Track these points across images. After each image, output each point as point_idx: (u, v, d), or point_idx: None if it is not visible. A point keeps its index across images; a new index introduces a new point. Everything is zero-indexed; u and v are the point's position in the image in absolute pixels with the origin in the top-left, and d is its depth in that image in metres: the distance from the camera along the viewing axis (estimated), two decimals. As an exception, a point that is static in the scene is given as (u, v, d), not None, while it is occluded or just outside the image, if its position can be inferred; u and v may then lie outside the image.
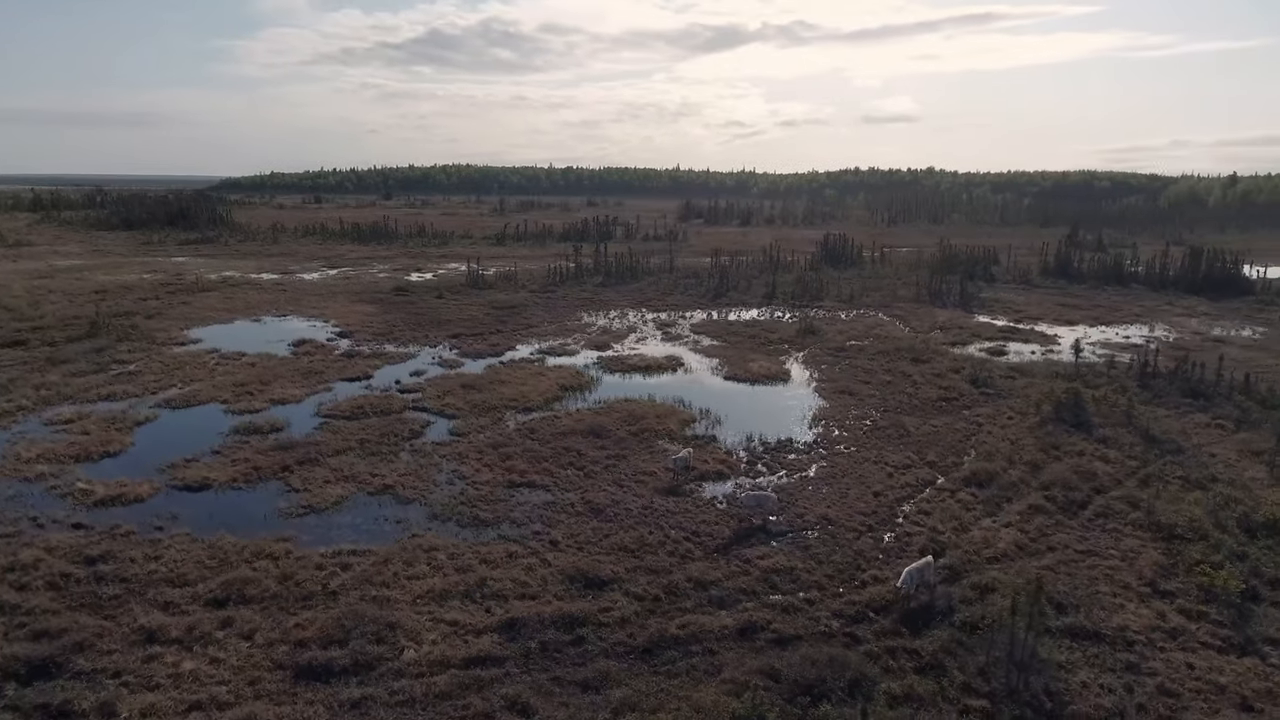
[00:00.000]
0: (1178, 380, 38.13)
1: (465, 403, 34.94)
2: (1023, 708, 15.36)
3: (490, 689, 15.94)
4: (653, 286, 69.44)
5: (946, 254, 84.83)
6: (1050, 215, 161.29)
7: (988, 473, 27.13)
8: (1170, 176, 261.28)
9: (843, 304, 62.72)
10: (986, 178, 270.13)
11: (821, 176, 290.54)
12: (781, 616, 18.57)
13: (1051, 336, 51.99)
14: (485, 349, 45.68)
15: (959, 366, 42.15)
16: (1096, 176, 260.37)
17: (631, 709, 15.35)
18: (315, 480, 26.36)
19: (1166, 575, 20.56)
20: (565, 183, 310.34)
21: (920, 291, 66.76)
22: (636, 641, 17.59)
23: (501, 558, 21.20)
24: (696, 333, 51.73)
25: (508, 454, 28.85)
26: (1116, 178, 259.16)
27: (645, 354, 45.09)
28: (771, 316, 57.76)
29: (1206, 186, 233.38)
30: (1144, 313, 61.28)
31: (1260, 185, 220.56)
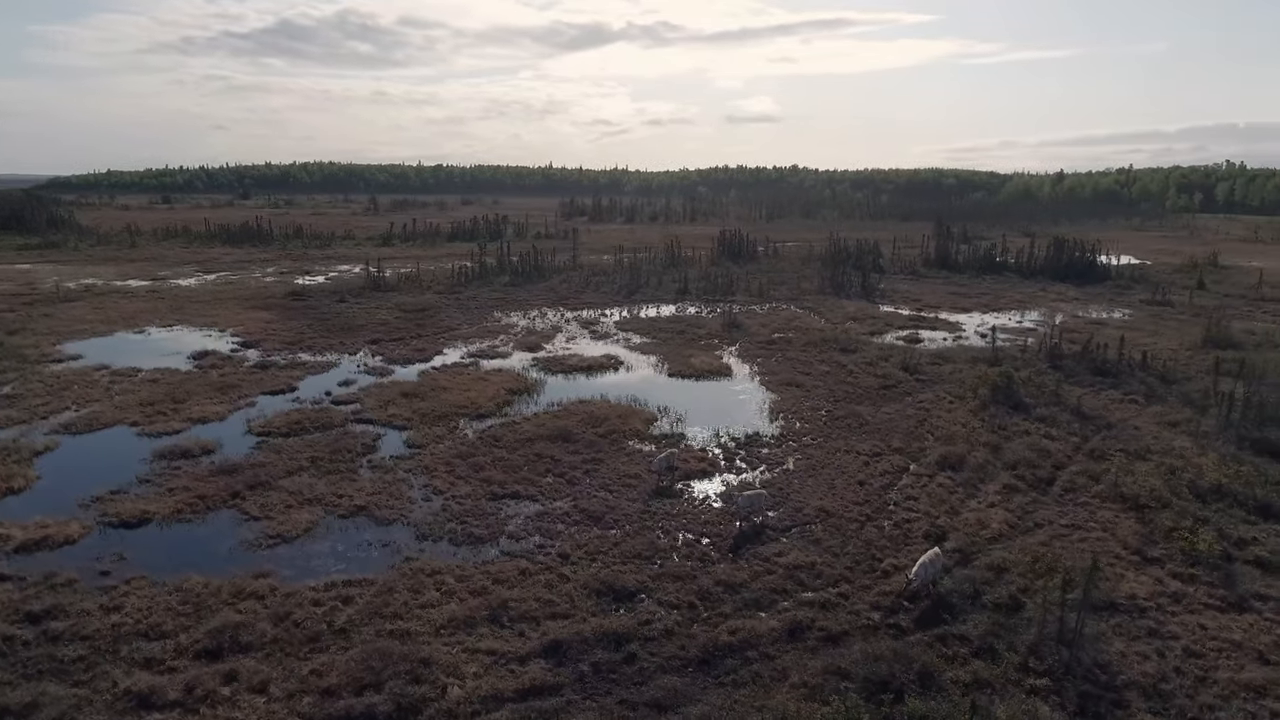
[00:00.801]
0: (1084, 360, 41.22)
1: (411, 412, 32.81)
2: (1082, 682, 15.87)
3: (556, 720, 14.84)
4: (563, 285, 68.19)
5: (836, 248, 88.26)
6: (910, 210, 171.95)
7: (956, 456, 28.18)
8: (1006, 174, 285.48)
9: (754, 298, 63.87)
10: (847, 175, 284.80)
11: (693, 174, 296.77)
12: (822, 614, 18.38)
13: (955, 323, 55.07)
14: (411, 354, 43.20)
15: (887, 355, 43.80)
16: (944, 174, 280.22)
17: (713, 725, 14.70)
18: (274, 506, 23.84)
19: (1148, 543, 21.98)
20: (436, 181, 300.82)
21: (824, 284, 69.09)
22: (690, 653, 16.89)
23: (514, 576, 19.88)
24: (623, 330, 51.16)
25: (478, 464, 27.26)
26: (961, 175, 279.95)
27: (581, 354, 44.06)
28: (690, 312, 58.00)
29: (1038, 183, 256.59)
30: (1025, 299, 66.06)
31: (1082, 182, 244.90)
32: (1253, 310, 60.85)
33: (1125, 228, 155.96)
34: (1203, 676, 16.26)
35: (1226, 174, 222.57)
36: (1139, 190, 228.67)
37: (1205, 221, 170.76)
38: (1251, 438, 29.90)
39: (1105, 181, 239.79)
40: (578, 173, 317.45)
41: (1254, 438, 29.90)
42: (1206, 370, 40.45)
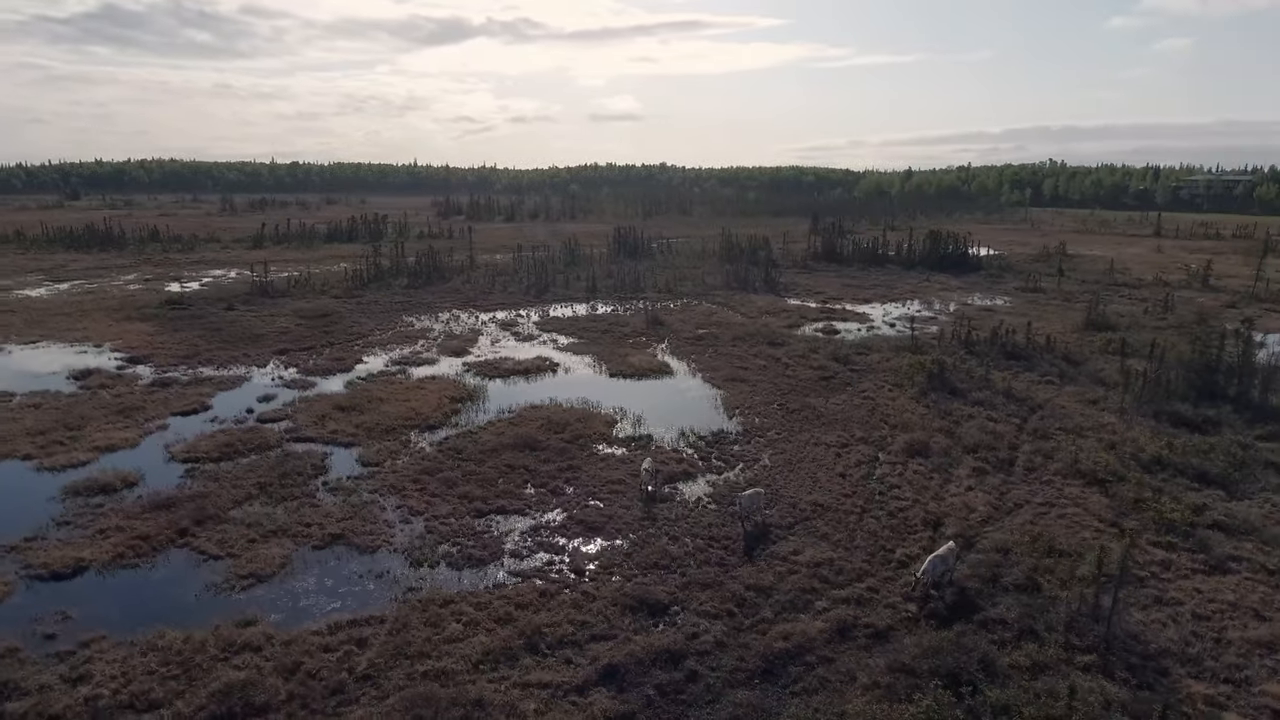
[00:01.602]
0: (995, 345, 43.83)
1: (353, 427, 30.31)
2: (1125, 654, 16.56)
3: (641, 750, 13.86)
4: (467, 286, 65.58)
5: (729, 244, 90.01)
6: (781, 207, 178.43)
7: (920, 443, 29.03)
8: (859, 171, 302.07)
9: (664, 295, 63.86)
10: (713, 173, 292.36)
11: (563, 172, 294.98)
12: (861, 611, 18.29)
13: (862, 314, 57.27)
14: (329, 365, 40.02)
15: (815, 347, 44.85)
16: (803, 171, 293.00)
17: (801, 737, 14.20)
18: (233, 541, 21.22)
19: (1120, 515, 23.42)
20: (294, 179, 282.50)
21: (729, 280, 70.09)
22: (750, 664, 16.32)
23: (535, 598, 18.59)
24: (546, 331, 49.73)
25: (449, 480, 25.46)
26: (820, 173, 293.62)
27: (512, 357, 42.36)
28: (606, 310, 57.21)
29: (889, 180, 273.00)
30: (914, 289, 69.73)
31: (928, 179, 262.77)
32: (1110, 294, 66.86)
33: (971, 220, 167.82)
34: (1218, 638, 17.39)
35: (1050, 171, 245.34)
36: (977, 186, 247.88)
37: (1038, 214, 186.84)
38: (1163, 411, 32.64)
39: (948, 179, 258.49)
40: (445, 170, 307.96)
41: (1165, 411, 32.65)
42: (1098, 351, 44.16)
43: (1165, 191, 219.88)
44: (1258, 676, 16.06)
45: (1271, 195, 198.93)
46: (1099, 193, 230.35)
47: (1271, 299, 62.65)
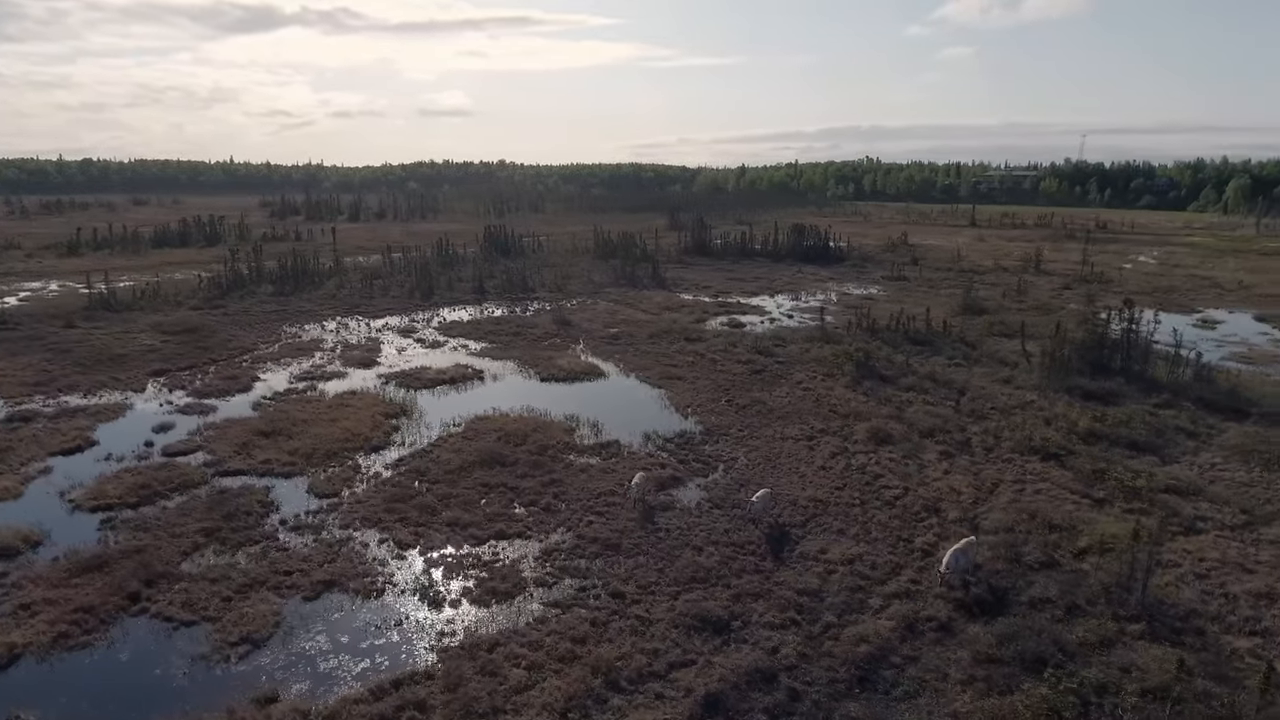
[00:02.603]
0: (899, 333, 46.11)
1: (286, 454, 26.89)
2: (1164, 619, 17.57)
3: (781, 783, 12.97)
4: (344, 291, 60.58)
5: (602, 240, 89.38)
6: (629, 203, 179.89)
7: (880, 431, 29.80)
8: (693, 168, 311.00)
9: (556, 294, 62.25)
10: (554, 169, 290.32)
11: (397, 169, 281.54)
12: (916, 605, 18.29)
13: (757, 307, 58.52)
14: (223, 384, 35.39)
15: (733, 341, 45.18)
16: (642, 168, 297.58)
17: (927, 743, 13.87)
18: (203, 601, 18.01)
19: (1089, 486, 25.08)
20: (88, 178, 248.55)
21: (616, 277, 69.44)
22: (842, 674, 15.81)
23: (589, 630, 17.10)
24: (451, 336, 46.84)
25: (427, 506, 23.10)
26: (658, 169, 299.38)
27: (430, 366, 39.45)
28: (505, 312, 54.85)
29: (724, 176, 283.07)
30: (792, 281, 72.26)
31: (761, 176, 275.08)
32: (965, 280, 72.45)
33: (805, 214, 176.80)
34: (1225, 594, 18.90)
35: (869, 168, 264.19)
36: (805, 182, 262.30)
37: (864, 208, 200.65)
38: (1071, 386, 35.55)
39: (778, 175, 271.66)
40: (265, 168, 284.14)
41: (1072, 386, 35.58)
42: (986, 333, 47.58)
43: (967, 186, 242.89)
44: (1275, 627, 17.57)
45: (1053, 189, 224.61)
46: (911, 187, 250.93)
47: (1097, 279, 70.40)
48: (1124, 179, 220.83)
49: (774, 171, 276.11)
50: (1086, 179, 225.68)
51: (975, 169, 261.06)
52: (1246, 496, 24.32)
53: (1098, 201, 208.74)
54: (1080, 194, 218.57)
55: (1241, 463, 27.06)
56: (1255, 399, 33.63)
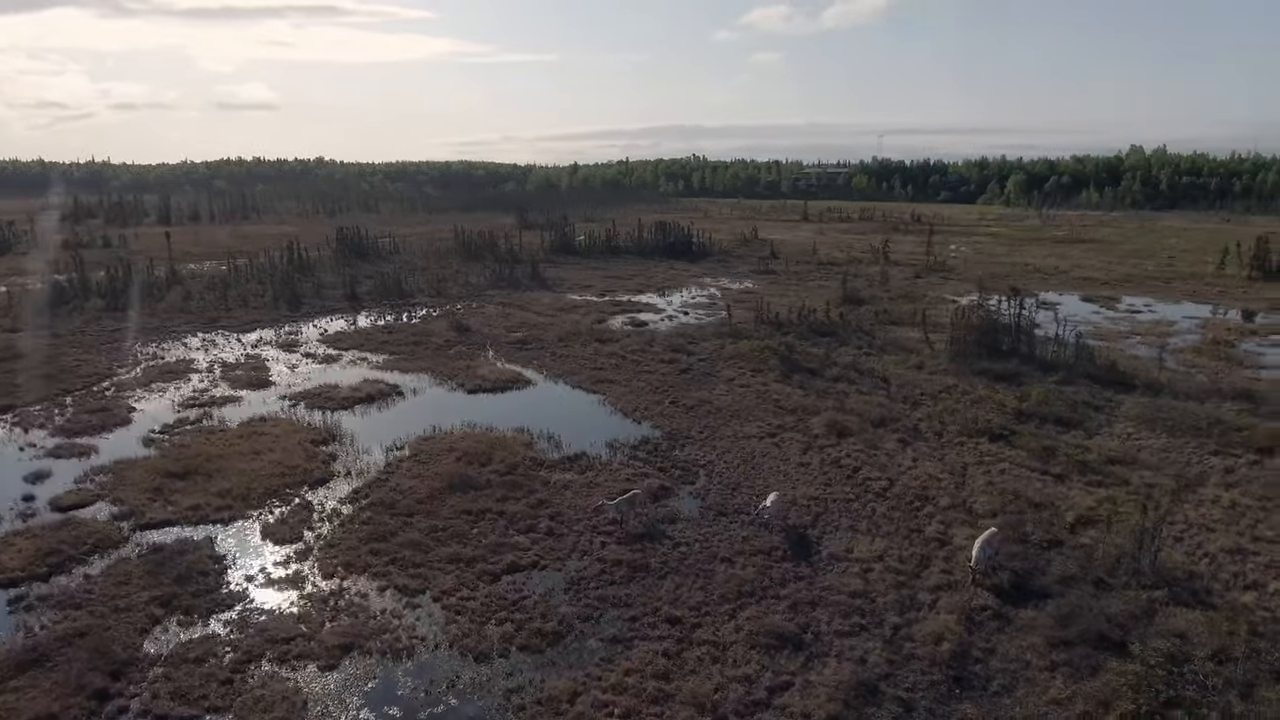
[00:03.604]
0: (802, 325, 47.46)
1: (215, 497, 23.15)
2: (1174, 584, 18.87)
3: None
4: (195, 304, 53.62)
5: (464, 240, 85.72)
6: (465, 201, 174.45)
7: (836, 423, 30.27)
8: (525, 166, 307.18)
9: (437, 298, 58.77)
10: (377, 168, 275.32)
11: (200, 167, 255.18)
12: (964, 596, 18.49)
13: (648, 304, 58.21)
14: (91, 420, 30.04)
15: (647, 341, 44.54)
16: (473, 166, 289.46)
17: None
18: (196, 691, 14.89)
19: (1046, 462, 26.76)
20: None
21: (496, 279, 66.64)
22: (937, 675, 15.63)
23: (668, 666, 15.84)
24: (341, 348, 42.77)
25: (415, 543, 20.64)
26: (489, 167, 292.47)
27: (336, 383, 35.65)
28: (391, 319, 50.94)
29: (557, 174, 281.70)
30: (668, 277, 72.67)
31: (593, 173, 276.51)
32: (825, 272, 76.17)
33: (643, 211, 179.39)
34: (1205, 553, 20.69)
35: (697, 165, 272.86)
36: (637, 179, 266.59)
37: (700, 204, 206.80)
38: (976, 370, 38.03)
39: (610, 173, 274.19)
40: (39, 166, 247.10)
41: (977, 369, 38.10)
42: (878, 322, 50.08)
43: (788, 182, 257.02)
44: (1263, 579, 19.43)
45: (864, 184, 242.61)
46: (737, 184, 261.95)
47: (942, 269, 76.45)
48: (923, 175, 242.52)
49: (605, 169, 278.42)
50: (891, 175, 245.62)
51: (792, 166, 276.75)
52: (1172, 462, 26.96)
53: (902, 196, 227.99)
54: (887, 189, 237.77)
55: (1150, 431, 30.01)
56: (1130, 372, 37.60)
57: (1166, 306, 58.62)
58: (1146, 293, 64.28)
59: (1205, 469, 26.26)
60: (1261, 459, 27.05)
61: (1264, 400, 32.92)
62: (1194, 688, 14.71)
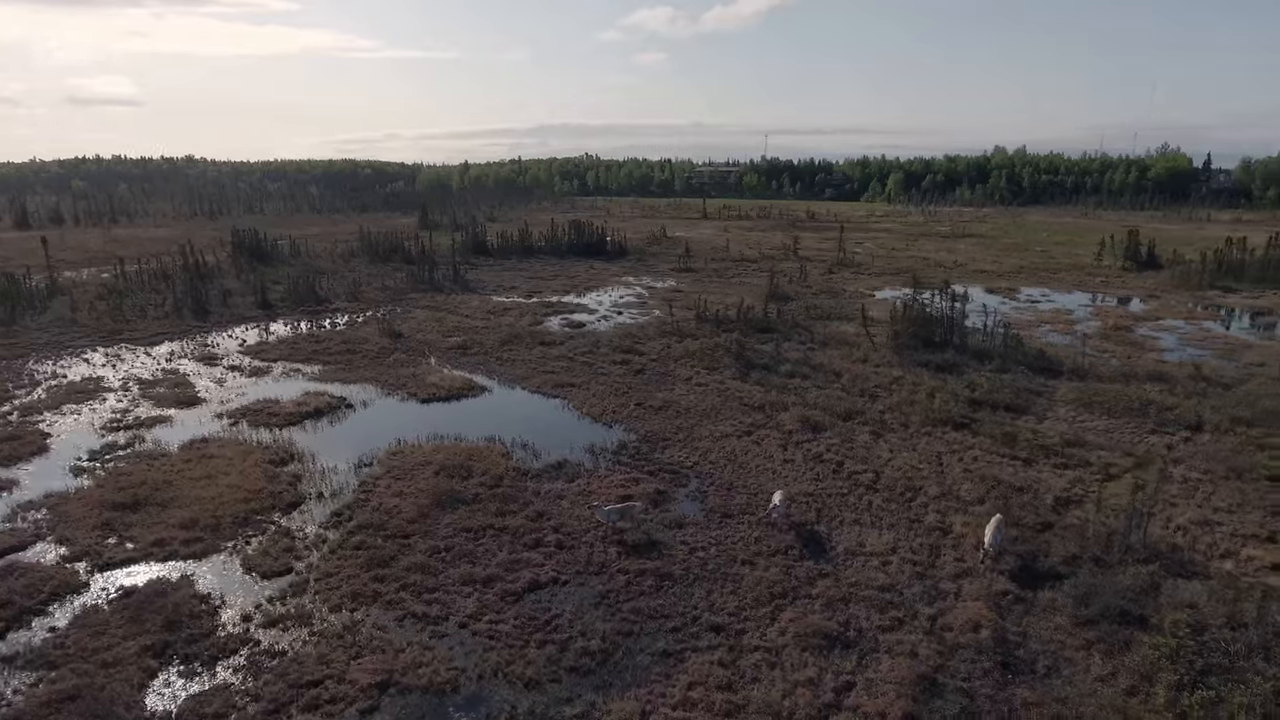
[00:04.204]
0: (744, 323, 47.98)
1: (177, 529, 21.03)
2: (1163, 557, 20.05)
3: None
4: (88, 316, 48.71)
5: (370, 242, 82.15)
6: (359, 201, 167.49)
7: (807, 419, 30.69)
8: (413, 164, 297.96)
9: (356, 304, 55.97)
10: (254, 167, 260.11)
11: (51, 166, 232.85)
12: (984, 582, 19.05)
13: (581, 305, 57.37)
14: (5, 451, 26.67)
15: (592, 342, 43.88)
16: (359, 165, 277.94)
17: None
18: (227, 746, 13.36)
19: (1009, 447, 27.99)
20: None
21: (414, 282, 64.09)
22: (988, 662, 15.98)
23: (723, 674, 15.50)
24: (270, 360, 39.92)
25: (421, 567, 19.42)
26: (376, 166, 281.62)
27: (274, 398, 33.17)
28: (315, 327, 48.03)
29: (448, 173, 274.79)
30: (591, 276, 72.02)
31: (485, 172, 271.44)
32: (743, 269, 77.54)
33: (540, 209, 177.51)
34: (1179, 527, 22.16)
35: (591, 164, 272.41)
36: (531, 178, 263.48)
37: (595, 202, 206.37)
38: (919, 361, 39.57)
39: (503, 171, 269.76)
40: None
41: (920, 361, 39.64)
42: (812, 318, 51.28)
43: (681, 181, 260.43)
44: (1234, 548, 20.99)
45: (754, 183, 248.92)
46: (631, 182, 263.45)
47: (851, 264, 79.28)
48: (810, 174, 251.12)
49: (498, 168, 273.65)
50: (780, 174, 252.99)
51: (684, 165, 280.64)
52: (1118, 441, 28.84)
53: (791, 194, 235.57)
54: (776, 188, 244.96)
55: (1090, 413, 32.02)
56: (1056, 359, 40.07)
57: (1061, 296, 62.93)
58: (1039, 283, 68.80)
59: (1149, 447, 28.22)
60: (1192, 435, 29.38)
61: (1177, 381, 35.80)
62: (1220, 655, 15.67)
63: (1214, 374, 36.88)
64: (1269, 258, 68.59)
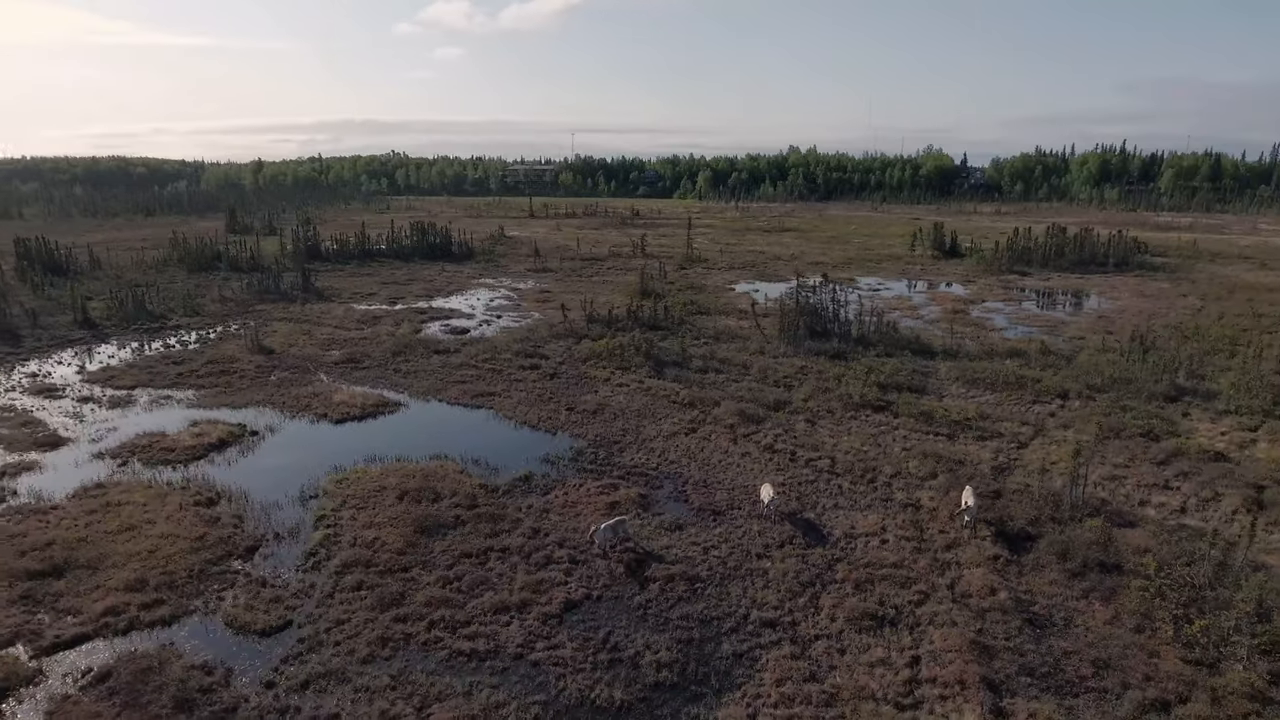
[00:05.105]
0: (633, 321, 48.28)
1: (126, 593, 18.11)
2: (1100, 511, 22.88)
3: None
4: None
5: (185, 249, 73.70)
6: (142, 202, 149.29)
7: (741, 412, 31.65)
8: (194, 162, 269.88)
9: (196, 319, 50.12)
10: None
11: None
12: (977, 550, 20.73)
13: (453, 310, 55.01)
14: None
15: (492, 348, 42.37)
16: (129, 162, 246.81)
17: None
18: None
19: (931, 425, 30.55)
20: None
21: (261, 292, 58.34)
22: (1016, 621, 17.49)
23: (804, 666, 15.84)
24: (127, 387, 34.83)
25: (442, 599, 18.06)
26: (151, 164, 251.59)
27: (163, 430, 29.12)
28: (162, 346, 42.42)
29: (238, 172, 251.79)
30: (449, 280, 69.03)
31: (283, 170, 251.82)
32: (596, 267, 77.82)
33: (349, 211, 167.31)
34: (1096, 483, 25.32)
35: (400, 162, 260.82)
36: (334, 176, 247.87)
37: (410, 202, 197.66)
38: (813, 350, 41.96)
39: (303, 170, 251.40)
40: None
41: (809, 350, 42.05)
42: (689, 313, 52.57)
43: (496, 179, 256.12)
44: (1144, 497, 24.33)
45: (569, 181, 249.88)
46: (444, 181, 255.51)
47: (700, 260, 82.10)
48: (624, 172, 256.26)
49: (296, 166, 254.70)
50: (595, 172, 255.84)
51: (497, 163, 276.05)
52: (1012, 413, 32.37)
53: (605, 191, 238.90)
54: (591, 185, 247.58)
55: (976, 389, 35.62)
56: (928, 341, 44.07)
57: (894, 283, 69.09)
58: (870, 273, 74.96)
59: (1038, 416, 31.96)
60: (1065, 403, 33.60)
61: (1030, 356, 40.68)
62: (1189, 589, 18.24)
63: (1055, 349, 42.32)
64: (1049, 245, 79.43)
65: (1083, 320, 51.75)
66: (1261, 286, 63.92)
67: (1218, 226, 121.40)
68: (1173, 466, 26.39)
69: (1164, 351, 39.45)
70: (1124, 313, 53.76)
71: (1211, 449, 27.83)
